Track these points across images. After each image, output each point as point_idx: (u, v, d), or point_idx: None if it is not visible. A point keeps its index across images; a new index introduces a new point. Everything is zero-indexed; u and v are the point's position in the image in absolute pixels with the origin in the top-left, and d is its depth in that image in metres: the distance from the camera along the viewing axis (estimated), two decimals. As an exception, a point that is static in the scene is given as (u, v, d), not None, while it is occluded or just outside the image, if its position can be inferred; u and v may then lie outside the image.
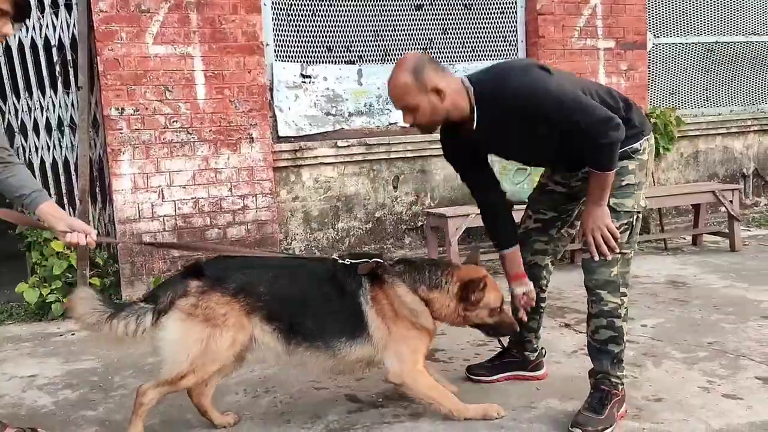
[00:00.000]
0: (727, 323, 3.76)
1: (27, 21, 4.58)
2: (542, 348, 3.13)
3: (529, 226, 2.93)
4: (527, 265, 2.90)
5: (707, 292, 4.41)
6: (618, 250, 2.55)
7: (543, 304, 3.04)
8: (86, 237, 2.48)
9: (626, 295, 2.63)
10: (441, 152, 2.89)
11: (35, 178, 4.68)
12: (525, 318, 2.88)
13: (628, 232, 2.58)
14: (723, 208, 5.59)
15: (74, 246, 2.58)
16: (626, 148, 2.55)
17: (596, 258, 2.56)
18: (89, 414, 2.97)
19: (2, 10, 2.18)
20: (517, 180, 5.06)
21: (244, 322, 2.54)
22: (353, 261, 2.69)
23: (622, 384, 2.66)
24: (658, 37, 6.30)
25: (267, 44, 5.06)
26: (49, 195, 4.72)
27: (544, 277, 2.98)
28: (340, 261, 2.70)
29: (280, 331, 2.58)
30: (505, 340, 3.16)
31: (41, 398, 3.18)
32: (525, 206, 3.02)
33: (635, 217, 2.59)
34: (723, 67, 6.66)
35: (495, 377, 3.08)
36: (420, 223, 5.60)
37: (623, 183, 2.57)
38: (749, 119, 6.70)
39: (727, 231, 5.70)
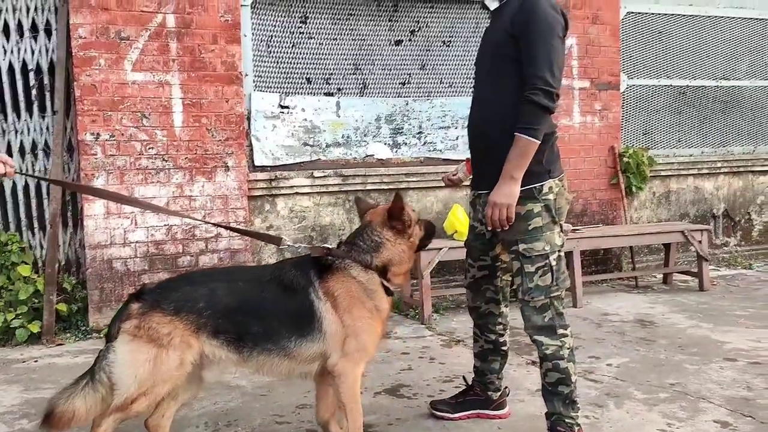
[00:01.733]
0: (690, 364, 3.80)
1: (5, 44, 4.61)
2: (506, 387, 3.14)
3: (475, 275, 2.98)
4: (483, 313, 2.97)
5: (673, 332, 4.46)
6: (506, 227, 2.61)
7: (504, 348, 3.06)
8: (5, 166, 2.43)
9: (567, 335, 2.66)
10: (417, 184, 2.95)
11: (6, 200, 4.70)
12: (455, 415, 3.05)
13: (549, 274, 2.62)
14: (694, 248, 5.69)
15: None
16: (531, 186, 2.60)
17: (489, 228, 2.65)
18: (45, 445, 2.92)
19: None
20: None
21: (190, 341, 2.52)
22: (302, 245, 2.78)
23: (578, 425, 2.68)
24: (631, 78, 6.45)
25: (246, 74, 5.11)
26: (19, 219, 4.73)
27: (500, 323, 3.01)
28: (286, 242, 2.81)
29: (228, 342, 2.55)
30: (469, 378, 3.18)
31: (-3, 428, 3.13)
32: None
33: (550, 257, 2.62)
34: (694, 109, 6.82)
35: (457, 415, 3.08)
36: (394, 255, 5.61)
37: (530, 227, 2.62)
38: (719, 161, 6.84)
39: (696, 270, 5.78)
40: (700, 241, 5.64)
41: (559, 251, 2.65)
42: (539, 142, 2.51)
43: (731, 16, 6.82)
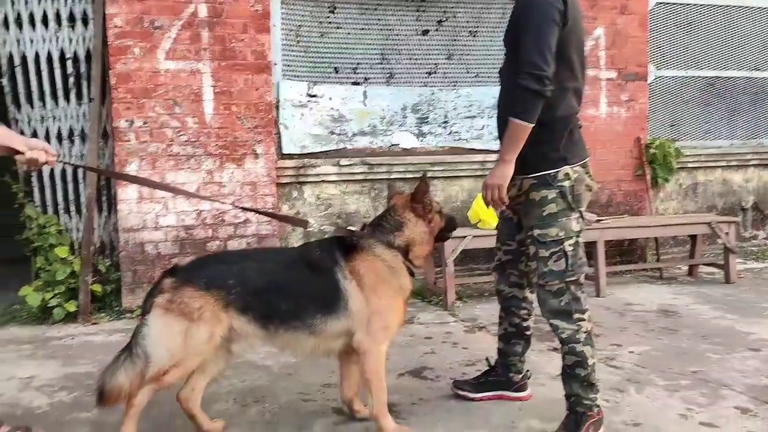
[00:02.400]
0: (714, 353, 3.81)
1: (44, 33, 4.76)
2: (527, 371, 3.19)
3: (501, 258, 3.04)
4: (506, 296, 3.03)
5: (697, 322, 4.47)
6: (502, 207, 2.70)
7: (527, 332, 3.11)
8: (47, 154, 2.52)
9: (584, 319, 2.69)
10: (442, 173, 3.01)
11: (44, 185, 4.86)
12: (477, 396, 3.12)
13: (563, 260, 2.66)
14: (721, 240, 5.65)
15: (34, 165, 2.55)
16: (544, 173, 2.64)
17: (491, 209, 2.76)
18: (83, 416, 3.06)
19: None
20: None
21: (220, 316, 2.62)
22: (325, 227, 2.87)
23: (597, 406, 2.72)
24: (660, 69, 6.41)
25: (275, 63, 5.20)
26: (57, 202, 4.90)
27: (524, 308, 3.06)
28: (312, 224, 3.00)
29: (255, 319, 2.66)
30: (492, 360, 3.23)
31: (37, 399, 3.27)
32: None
33: (566, 243, 2.66)
34: (724, 101, 6.75)
35: (479, 395, 3.14)
36: (418, 244, 5.68)
37: (544, 213, 2.66)
38: (749, 153, 6.77)
39: (722, 262, 5.75)
40: (727, 233, 5.61)
41: (576, 237, 2.68)
42: (530, 126, 2.53)
43: (763, 6, 6.73)
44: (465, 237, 4.93)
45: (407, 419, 2.95)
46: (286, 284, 2.72)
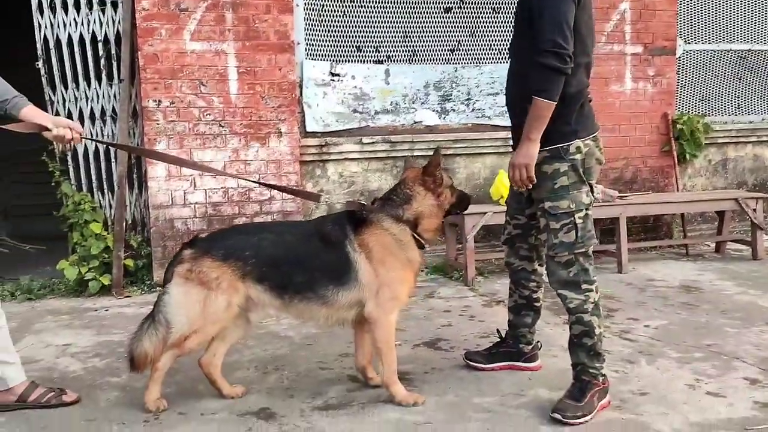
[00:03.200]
0: (731, 327, 3.81)
1: (76, 16, 4.93)
2: (537, 342, 3.26)
3: (511, 232, 3.10)
4: (516, 269, 3.10)
5: (719, 298, 4.45)
6: (530, 186, 2.71)
7: (537, 304, 3.17)
8: (72, 132, 2.67)
9: (591, 290, 2.73)
10: (465, 150, 3.06)
11: (79, 163, 5.07)
12: (488, 366, 3.20)
13: (573, 232, 2.69)
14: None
15: (60, 141, 2.71)
16: (556, 146, 2.67)
17: (515, 188, 2.81)
18: (113, 380, 3.24)
19: None
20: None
21: (237, 285, 2.76)
22: (339, 202, 2.95)
23: (603, 375, 2.77)
24: (689, 43, 6.30)
25: (298, 43, 5.29)
26: (91, 180, 5.10)
27: (534, 280, 3.12)
28: (324, 198, 2.99)
29: (271, 288, 2.79)
30: (503, 332, 3.31)
31: (72, 364, 3.47)
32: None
33: (575, 215, 2.69)
34: (756, 74, 6.61)
35: (490, 366, 3.22)
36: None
37: (555, 186, 2.69)
38: (781, 128, 6.63)
39: (750, 239, 5.68)
40: (754, 209, 5.53)
41: (585, 210, 2.72)
42: (554, 103, 2.56)
43: (799, -23, 6.54)
44: (485, 213, 4.98)
45: (419, 387, 3.05)
46: (300, 256, 2.84)
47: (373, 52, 5.65)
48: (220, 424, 2.73)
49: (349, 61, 5.56)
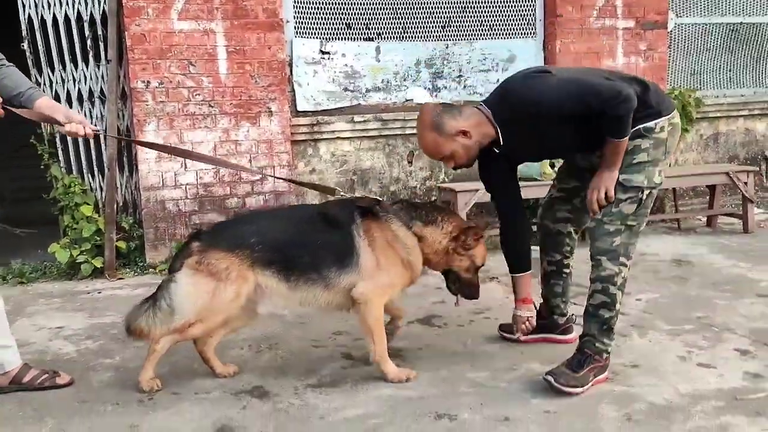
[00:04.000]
0: (721, 300, 3.84)
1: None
2: (572, 315, 3.25)
3: (553, 194, 3.14)
4: (551, 232, 3.12)
5: (709, 271, 4.48)
6: (599, 215, 2.72)
7: (567, 270, 3.19)
8: (84, 128, 2.70)
9: (626, 266, 2.73)
10: None
11: (68, 146, 5.03)
12: (522, 337, 3.14)
13: (636, 205, 2.70)
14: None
15: (73, 136, 2.75)
16: (639, 126, 2.68)
17: (590, 214, 2.78)
18: (107, 361, 3.25)
19: None
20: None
21: (246, 275, 2.78)
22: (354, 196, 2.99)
23: (608, 353, 2.77)
24: (680, 16, 6.27)
25: (287, 21, 5.23)
26: (81, 163, 5.06)
27: (567, 244, 3.14)
28: (341, 193, 3.08)
29: (278, 271, 2.81)
30: (537, 304, 3.26)
31: (65, 347, 3.47)
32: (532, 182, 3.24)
33: (644, 191, 2.70)
34: (748, 48, 6.59)
35: (524, 338, 3.19)
36: (434, 198, 5.75)
37: (634, 161, 2.70)
38: (773, 101, 6.62)
39: (741, 212, 5.70)
40: (745, 183, 5.55)
41: (654, 190, 2.73)
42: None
43: (791, -52, 6.49)
44: (478, 190, 4.97)
45: (413, 363, 3.06)
46: (305, 237, 2.87)
47: (363, 29, 5.59)
48: (214, 403, 2.74)
49: (339, 38, 5.51)
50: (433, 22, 5.75)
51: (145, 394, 2.80)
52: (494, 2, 5.82)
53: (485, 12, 5.84)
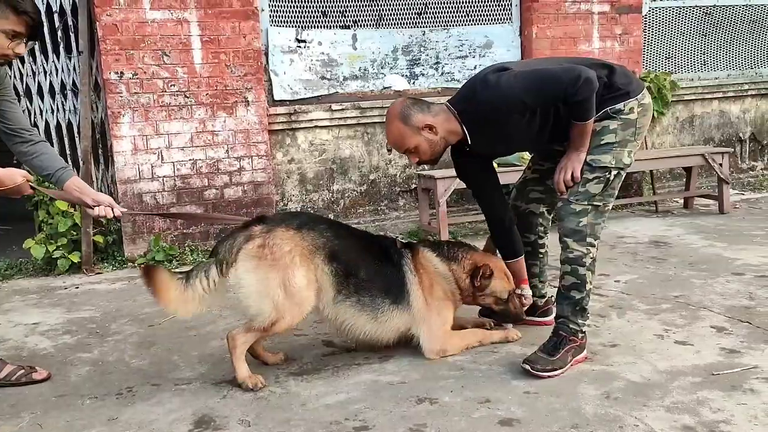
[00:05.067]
0: (698, 279, 3.89)
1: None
2: (551, 296, 3.24)
3: (527, 176, 3.15)
4: (523, 213, 3.13)
5: (686, 251, 4.54)
6: (566, 195, 2.74)
7: (542, 250, 3.21)
8: (113, 210, 2.75)
9: (594, 246, 2.75)
10: None
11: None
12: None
13: (602, 185, 2.71)
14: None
15: (102, 218, 2.86)
16: (607, 108, 2.69)
17: (558, 194, 2.80)
18: (84, 356, 3.21)
19: (18, 33, 2.49)
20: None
21: (309, 262, 2.69)
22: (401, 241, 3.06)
23: (583, 333, 2.79)
24: (654, 0, 6.30)
25: (262, 9, 5.18)
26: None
27: (540, 224, 3.16)
28: (401, 239, 3.14)
29: (336, 273, 2.73)
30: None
31: (42, 342, 3.42)
32: (511, 167, 3.21)
33: (611, 171, 2.71)
34: (721, 30, 6.65)
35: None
36: (414, 186, 5.75)
37: (602, 142, 2.71)
38: (747, 83, 6.70)
39: (717, 194, 5.77)
40: (720, 164, 5.62)
41: (621, 170, 2.73)
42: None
43: (762, -70, 6.55)
44: (457, 177, 4.97)
45: (394, 347, 3.03)
46: (366, 255, 2.85)
47: (339, 16, 5.56)
48: (194, 393, 2.72)
49: (314, 26, 5.47)
50: (410, 9, 5.73)
51: (250, 392, 2.68)
52: (470, -12, 5.81)
53: (461, -2, 5.83)
